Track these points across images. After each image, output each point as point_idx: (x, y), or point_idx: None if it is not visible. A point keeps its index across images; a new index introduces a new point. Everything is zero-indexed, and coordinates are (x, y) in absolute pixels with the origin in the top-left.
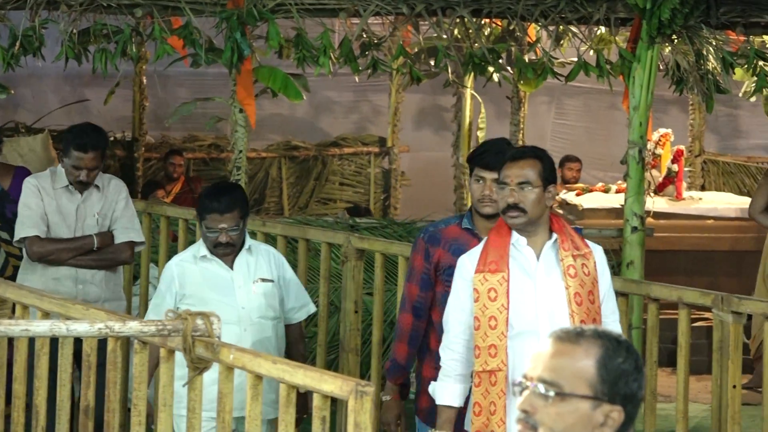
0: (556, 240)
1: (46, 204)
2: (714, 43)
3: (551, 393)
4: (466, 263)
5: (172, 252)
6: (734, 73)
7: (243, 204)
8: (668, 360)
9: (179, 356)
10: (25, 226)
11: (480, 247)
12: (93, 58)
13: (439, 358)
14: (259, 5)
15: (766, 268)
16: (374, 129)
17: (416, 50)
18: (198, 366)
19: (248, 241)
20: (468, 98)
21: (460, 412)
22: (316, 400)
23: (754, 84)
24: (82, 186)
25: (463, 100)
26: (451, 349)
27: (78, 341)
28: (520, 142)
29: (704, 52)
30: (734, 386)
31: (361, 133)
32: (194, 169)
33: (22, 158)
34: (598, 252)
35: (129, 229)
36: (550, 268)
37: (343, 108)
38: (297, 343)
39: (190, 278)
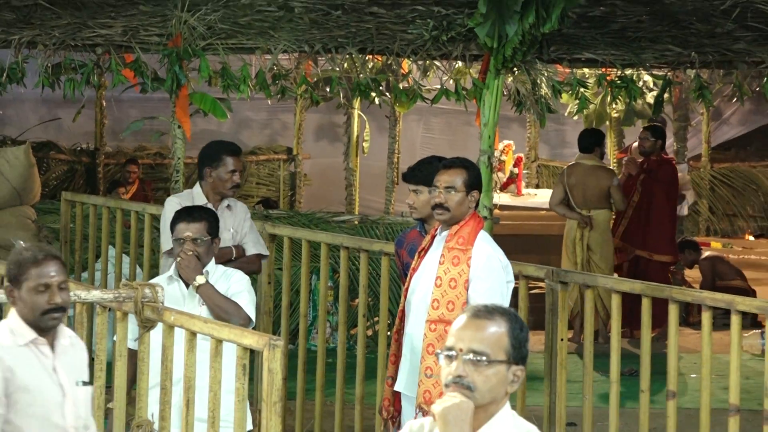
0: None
1: None
2: (546, 74)
3: (483, 360)
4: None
5: (125, 236)
6: (561, 98)
7: (212, 221)
8: None
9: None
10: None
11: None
12: (64, 86)
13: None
14: (193, 45)
15: (567, 245)
16: (283, 140)
17: (315, 79)
18: (146, 325)
19: (204, 275)
20: (355, 117)
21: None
22: (238, 351)
23: (576, 106)
24: (235, 190)
25: (352, 119)
26: None
27: None
28: (396, 153)
29: (538, 81)
30: (561, 339)
31: (272, 144)
32: (143, 173)
33: (8, 164)
34: (477, 251)
35: (257, 244)
36: (436, 254)
37: (258, 124)
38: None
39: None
